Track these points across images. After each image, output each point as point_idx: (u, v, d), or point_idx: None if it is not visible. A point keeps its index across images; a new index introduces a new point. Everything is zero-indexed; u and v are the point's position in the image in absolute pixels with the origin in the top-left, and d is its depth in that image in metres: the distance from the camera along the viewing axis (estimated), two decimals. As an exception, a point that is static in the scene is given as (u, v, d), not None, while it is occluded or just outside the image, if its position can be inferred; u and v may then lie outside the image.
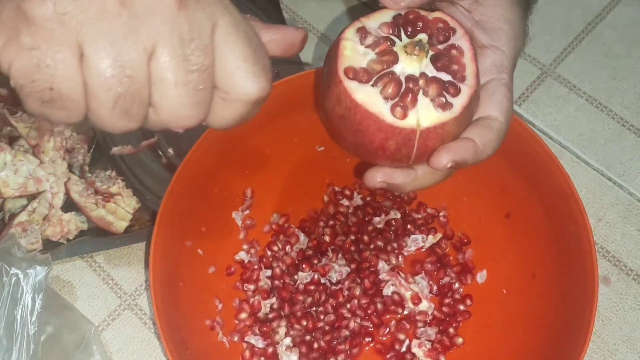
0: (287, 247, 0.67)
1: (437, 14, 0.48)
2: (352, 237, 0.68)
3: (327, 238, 0.68)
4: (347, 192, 0.70)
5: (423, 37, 0.47)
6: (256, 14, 0.77)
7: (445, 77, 0.47)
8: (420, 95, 0.46)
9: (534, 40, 0.80)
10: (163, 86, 0.37)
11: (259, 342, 0.63)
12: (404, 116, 0.45)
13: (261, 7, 0.78)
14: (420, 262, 0.67)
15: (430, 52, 0.47)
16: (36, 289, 0.57)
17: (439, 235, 0.68)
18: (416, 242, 0.68)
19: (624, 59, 0.79)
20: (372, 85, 0.46)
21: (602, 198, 0.72)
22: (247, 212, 0.68)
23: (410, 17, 0.48)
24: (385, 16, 0.48)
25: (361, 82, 0.46)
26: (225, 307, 0.65)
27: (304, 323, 0.64)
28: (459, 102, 0.46)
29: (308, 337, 0.64)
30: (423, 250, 0.68)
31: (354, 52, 0.47)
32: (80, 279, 0.69)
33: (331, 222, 0.69)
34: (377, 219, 0.69)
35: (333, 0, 0.83)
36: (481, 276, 0.67)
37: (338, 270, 0.66)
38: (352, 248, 0.67)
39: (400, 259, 0.67)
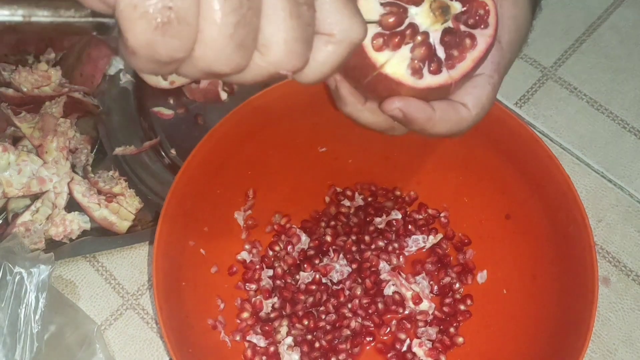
0: (289, 247, 0.68)
1: (489, 1, 0.46)
2: (354, 238, 0.68)
3: (328, 238, 0.68)
4: (349, 193, 0.70)
5: (456, 6, 0.46)
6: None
7: (441, 53, 0.45)
8: (407, 47, 0.45)
9: (535, 42, 0.80)
10: (276, 17, 0.35)
11: (260, 342, 0.64)
12: (379, 49, 0.44)
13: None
14: (421, 262, 0.68)
15: (449, 24, 0.45)
16: (39, 288, 0.57)
17: (439, 236, 0.69)
18: (417, 243, 0.68)
19: (624, 61, 0.79)
20: (382, 6, 0.44)
21: (602, 199, 0.72)
22: (249, 212, 0.69)
23: None
24: None
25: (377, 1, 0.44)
26: (227, 306, 0.65)
27: (306, 322, 0.64)
28: (428, 80, 0.45)
29: (309, 337, 0.64)
30: (424, 250, 0.69)
31: None
32: (83, 278, 0.69)
33: (332, 223, 0.69)
34: (378, 219, 0.69)
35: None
36: (482, 276, 0.67)
37: (339, 270, 0.66)
38: (354, 248, 0.68)
39: (401, 259, 0.68)
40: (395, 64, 0.44)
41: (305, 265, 0.66)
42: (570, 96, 0.77)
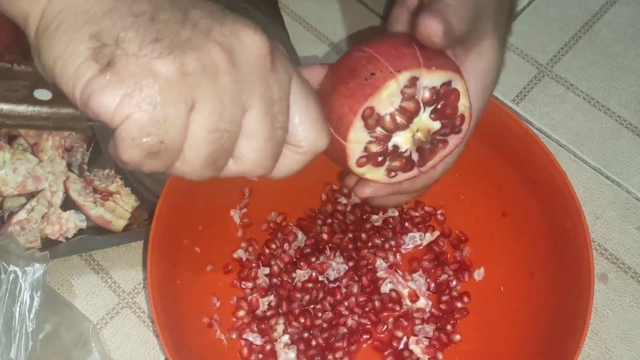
0: (285, 245, 0.68)
1: (465, 110, 0.50)
2: (350, 235, 0.68)
3: (325, 236, 0.68)
4: (345, 191, 0.70)
5: (435, 125, 0.50)
6: (254, 14, 0.77)
7: (415, 157, 0.51)
8: (385, 166, 0.51)
9: (531, 39, 0.80)
10: (254, 140, 0.40)
11: (257, 340, 0.63)
12: (361, 166, 0.50)
13: (258, 6, 0.78)
14: (417, 260, 0.68)
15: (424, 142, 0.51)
16: (34, 287, 0.57)
17: (436, 233, 0.69)
18: (414, 240, 0.68)
19: (621, 57, 0.79)
20: (369, 135, 0.49)
21: (599, 196, 0.72)
22: (245, 210, 0.68)
23: (449, 101, 0.49)
24: (439, 79, 0.48)
25: (365, 126, 0.48)
26: (223, 304, 0.65)
27: (302, 320, 0.64)
28: (400, 177, 0.51)
29: (306, 335, 0.64)
30: (421, 248, 0.69)
31: (388, 97, 0.47)
32: (79, 277, 0.69)
33: (329, 220, 0.69)
34: (375, 217, 0.69)
35: None
36: (479, 274, 0.67)
37: (336, 268, 0.66)
38: (350, 246, 0.67)
39: (398, 256, 0.67)
40: (374, 173, 0.51)
41: (301, 263, 0.66)
42: (566, 93, 0.77)
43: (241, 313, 0.65)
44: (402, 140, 0.49)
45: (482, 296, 0.66)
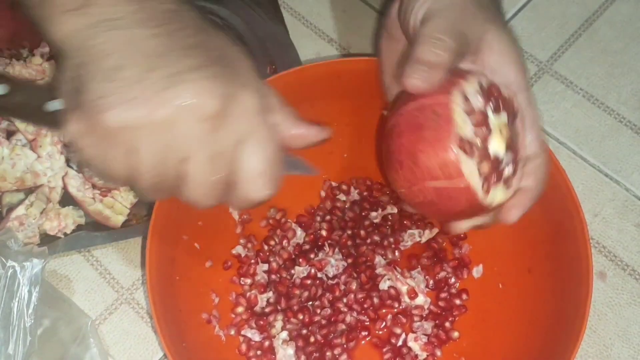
0: (284, 242, 0.67)
1: (507, 93, 0.51)
2: (349, 232, 0.68)
3: (324, 233, 0.68)
4: (344, 187, 0.70)
5: (504, 118, 0.51)
6: (254, 11, 0.77)
7: (509, 156, 0.51)
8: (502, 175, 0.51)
9: (531, 37, 0.80)
10: (189, 183, 0.45)
11: (255, 336, 0.63)
12: (487, 193, 0.50)
13: (259, 3, 0.78)
14: (416, 257, 0.68)
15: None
16: (32, 282, 0.57)
17: (435, 230, 0.68)
18: (413, 237, 0.68)
19: (620, 55, 0.79)
20: (471, 159, 0.49)
21: (598, 194, 0.72)
22: (244, 206, 0.68)
23: (494, 92, 0.50)
24: (473, 85, 0.50)
25: (466, 154, 0.49)
26: (221, 301, 0.65)
27: (301, 317, 0.64)
28: (515, 183, 0.52)
29: (304, 331, 0.64)
30: (420, 245, 0.68)
31: (462, 120, 0.49)
32: (78, 273, 0.69)
33: (328, 217, 0.69)
34: (373, 213, 0.69)
35: (330, -4, 0.83)
36: (477, 271, 0.67)
37: (335, 264, 0.66)
38: (349, 243, 0.67)
39: (396, 253, 0.67)
40: (498, 193, 0.51)
41: (300, 260, 0.66)
42: (566, 90, 0.77)
43: (240, 309, 0.65)
44: (497, 144, 0.50)
45: (481, 293, 0.66)
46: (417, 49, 0.49)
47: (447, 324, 0.64)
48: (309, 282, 0.65)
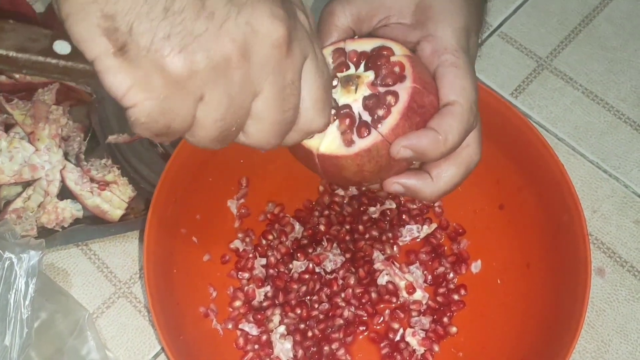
0: (282, 236, 0.67)
1: (401, 58, 0.50)
2: (347, 227, 0.68)
3: (322, 227, 0.68)
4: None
5: (368, 74, 0.50)
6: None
7: (366, 117, 0.49)
8: (334, 125, 0.49)
9: (531, 32, 0.80)
10: (261, 123, 0.41)
11: (252, 330, 0.63)
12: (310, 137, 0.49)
13: None
14: (415, 252, 0.67)
15: (366, 90, 0.49)
16: (29, 274, 0.57)
17: (434, 226, 0.68)
18: (411, 232, 0.68)
19: (620, 52, 0.79)
20: None
21: (597, 190, 0.72)
22: (242, 200, 0.68)
23: (380, 53, 0.50)
24: (368, 45, 0.51)
25: None
26: (219, 294, 0.65)
27: (298, 311, 0.64)
28: (360, 144, 0.48)
29: (302, 326, 0.64)
30: (418, 240, 0.68)
31: None
32: (75, 266, 0.69)
33: (326, 212, 0.69)
34: (372, 208, 0.69)
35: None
36: (476, 266, 0.67)
37: (333, 259, 0.66)
38: (347, 237, 0.67)
39: (395, 248, 0.67)
40: (329, 142, 0.49)
41: (298, 255, 0.66)
42: (565, 86, 0.77)
43: (237, 303, 0.64)
44: (338, 96, 0.49)
45: (479, 289, 0.66)
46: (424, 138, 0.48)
47: (445, 319, 0.64)
48: (307, 276, 0.65)
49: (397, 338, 0.64)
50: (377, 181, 0.53)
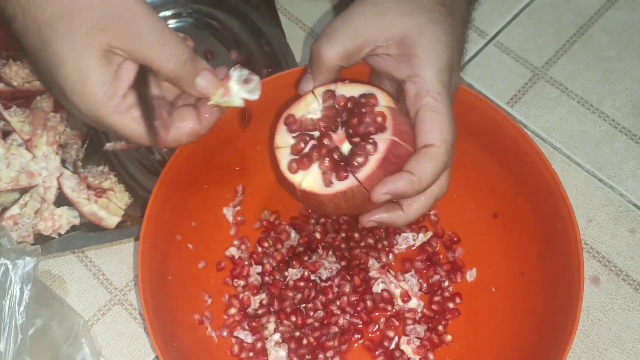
0: (278, 244, 0.67)
1: (385, 109, 0.53)
2: (343, 235, 0.68)
3: (317, 235, 0.68)
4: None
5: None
6: (251, 15, 0.78)
7: (347, 160, 0.53)
8: (316, 164, 0.54)
9: (527, 42, 0.81)
10: None
11: (247, 337, 0.63)
12: (294, 172, 0.54)
13: (256, 7, 0.78)
14: (410, 260, 0.68)
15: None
16: (24, 280, 0.57)
17: (429, 234, 0.69)
18: (407, 240, 0.68)
19: (615, 61, 0.79)
20: (293, 137, 0.55)
21: (592, 199, 0.72)
22: (238, 208, 0.68)
23: (366, 102, 0.54)
24: (356, 90, 0.55)
25: (289, 130, 0.55)
26: (214, 302, 0.65)
27: (293, 319, 0.64)
28: (338, 186, 0.53)
29: (297, 333, 0.64)
30: (413, 248, 0.69)
31: (308, 106, 0.56)
32: (71, 273, 0.69)
33: (322, 220, 0.69)
34: (367, 216, 0.69)
35: (326, 0, 0.83)
36: (471, 274, 0.67)
37: (328, 267, 0.66)
38: (343, 245, 0.67)
39: (390, 256, 0.67)
40: (310, 180, 0.54)
41: (294, 262, 0.66)
42: (561, 96, 0.78)
43: (232, 311, 0.65)
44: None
45: (474, 297, 0.66)
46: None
47: (440, 328, 0.64)
48: (302, 284, 0.65)
49: (392, 346, 0.64)
50: (355, 213, 0.58)
